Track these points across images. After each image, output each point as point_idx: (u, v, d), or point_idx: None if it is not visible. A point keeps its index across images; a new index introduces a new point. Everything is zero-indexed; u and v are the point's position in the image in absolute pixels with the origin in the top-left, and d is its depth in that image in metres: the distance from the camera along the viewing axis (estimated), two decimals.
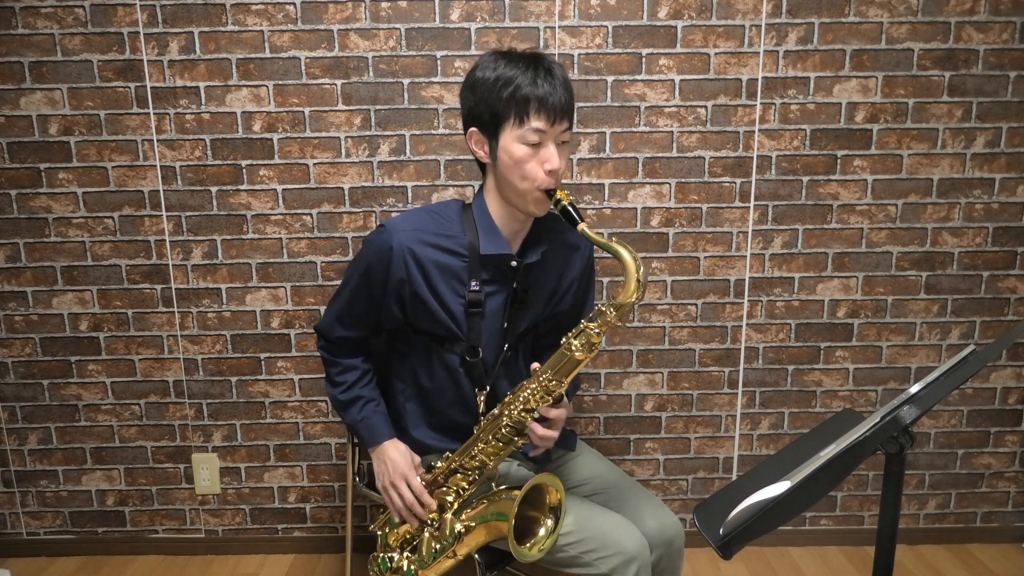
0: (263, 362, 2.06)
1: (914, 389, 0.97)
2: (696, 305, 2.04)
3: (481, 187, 1.39)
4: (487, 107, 1.26)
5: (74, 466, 2.12)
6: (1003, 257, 2.03)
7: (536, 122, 1.24)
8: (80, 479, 2.13)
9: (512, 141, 1.26)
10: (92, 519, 2.16)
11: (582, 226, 1.24)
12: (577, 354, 1.24)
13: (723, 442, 2.14)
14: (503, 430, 1.31)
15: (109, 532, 2.17)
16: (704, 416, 2.12)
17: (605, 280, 2.03)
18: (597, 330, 1.24)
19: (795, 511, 0.93)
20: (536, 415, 1.29)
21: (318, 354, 2.03)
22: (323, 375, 2.05)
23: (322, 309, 2.02)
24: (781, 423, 2.13)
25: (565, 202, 1.25)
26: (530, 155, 1.26)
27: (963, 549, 2.16)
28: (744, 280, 2.03)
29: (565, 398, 1.34)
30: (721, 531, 0.93)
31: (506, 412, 1.31)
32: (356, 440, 1.88)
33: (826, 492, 1.06)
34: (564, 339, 1.26)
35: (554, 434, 1.32)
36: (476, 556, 1.44)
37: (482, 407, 1.41)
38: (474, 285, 1.35)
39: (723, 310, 2.05)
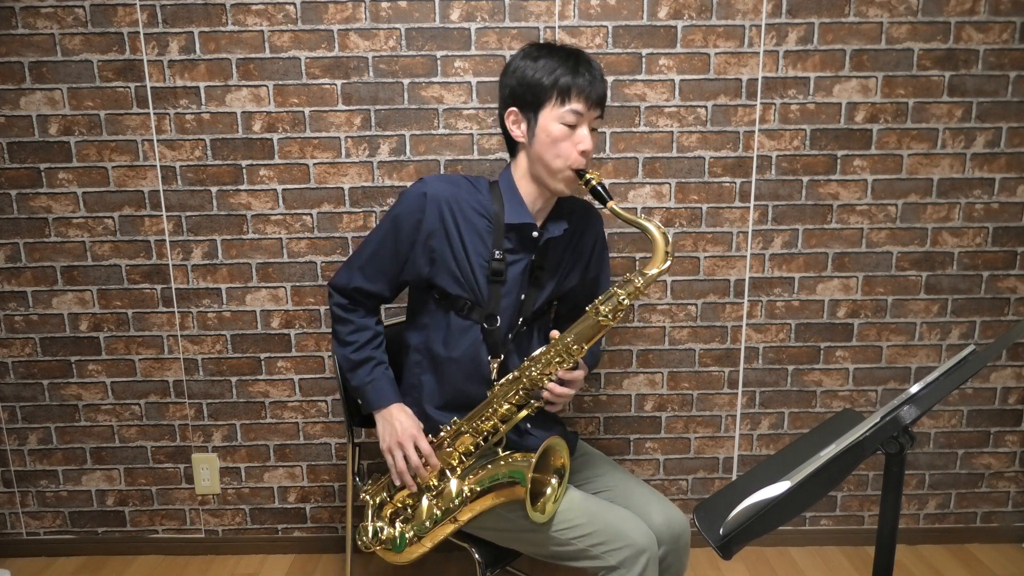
0: (263, 362, 2.06)
1: (914, 389, 0.97)
2: (696, 305, 2.04)
3: (507, 167, 1.45)
4: (530, 88, 1.34)
5: (74, 466, 2.12)
6: (1003, 257, 2.03)
7: (576, 104, 1.32)
8: (80, 479, 2.13)
9: (551, 120, 1.33)
10: (92, 519, 2.16)
11: (611, 204, 1.32)
12: (602, 319, 1.31)
13: (723, 442, 2.14)
14: (520, 393, 1.35)
15: (109, 532, 2.17)
16: (704, 416, 2.12)
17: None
18: (624, 297, 1.30)
19: (795, 511, 0.93)
20: (554, 378, 1.35)
21: (320, 349, 2.04)
22: (322, 375, 2.06)
23: (322, 309, 2.02)
24: (781, 423, 2.13)
25: (595, 181, 1.33)
26: (566, 135, 1.33)
27: (963, 549, 2.16)
28: (744, 280, 2.03)
29: (581, 361, 1.38)
30: (721, 531, 0.93)
31: (525, 375, 1.35)
32: (361, 435, 1.93)
33: (826, 492, 1.06)
34: (590, 305, 1.33)
35: (571, 392, 1.38)
36: (476, 555, 1.44)
37: (494, 375, 1.43)
38: (497, 255, 1.40)
39: (723, 310, 2.05)
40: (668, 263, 1.30)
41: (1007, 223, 2.01)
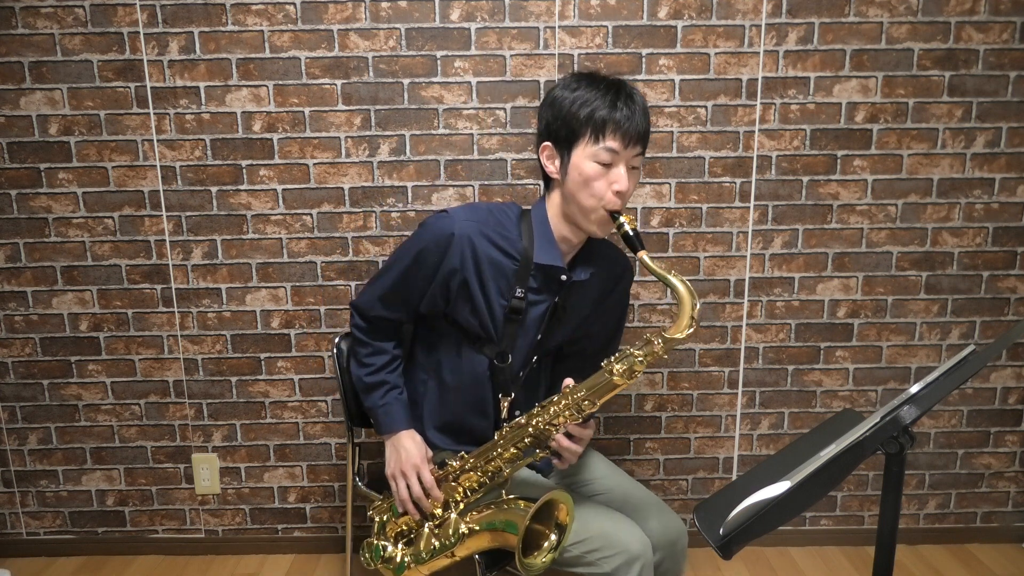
0: (263, 362, 2.06)
1: (914, 389, 0.97)
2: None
3: (542, 199, 1.40)
4: (564, 123, 1.28)
5: (74, 466, 2.12)
6: (1003, 257, 2.03)
7: (611, 142, 1.25)
8: (80, 479, 2.13)
9: (584, 159, 1.27)
10: (92, 519, 2.16)
11: (642, 253, 1.24)
12: (616, 379, 1.24)
13: (723, 442, 2.13)
14: (525, 440, 1.31)
15: (109, 532, 2.17)
16: (704, 416, 2.12)
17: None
18: (642, 359, 1.23)
19: (795, 511, 0.93)
20: (562, 431, 1.29)
21: (320, 349, 2.04)
22: (322, 375, 2.06)
23: (322, 309, 2.02)
24: (781, 423, 2.13)
25: (628, 227, 1.26)
26: (600, 174, 1.26)
27: (963, 549, 2.16)
28: (744, 280, 2.03)
29: (591, 420, 1.34)
30: (721, 531, 0.93)
31: (532, 423, 1.30)
32: (361, 435, 1.93)
33: (826, 492, 1.06)
34: (606, 362, 1.25)
35: (579, 449, 1.32)
36: (476, 556, 1.44)
37: (505, 414, 1.41)
38: (519, 292, 1.35)
39: (723, 310, 2.05)
40: (692, 329, 1.20)
41: (1007, 223, 2.01)
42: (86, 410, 2.08)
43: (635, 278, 2.01)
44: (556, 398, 1.30)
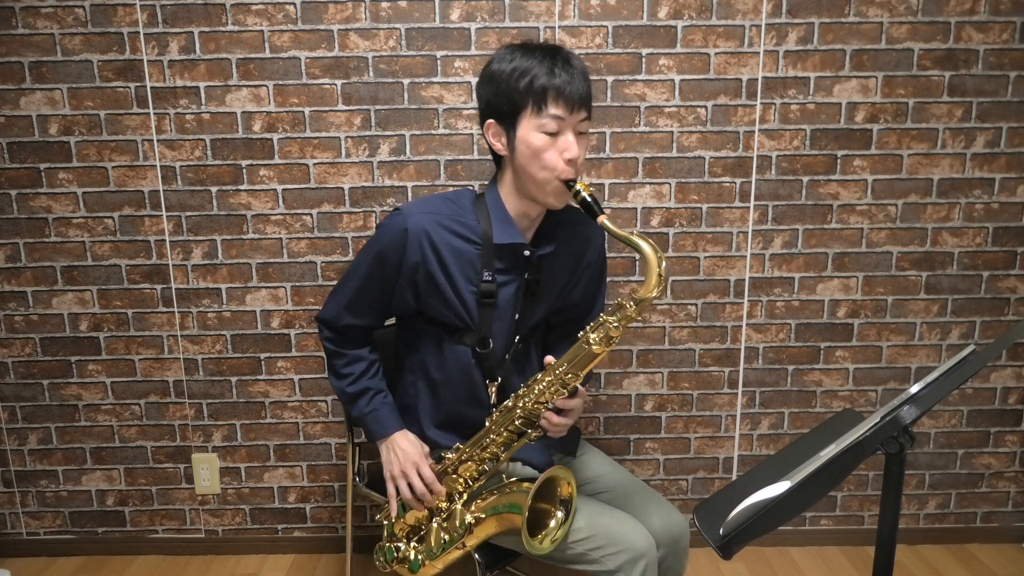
0: (263, 362, 2.06)
1: (914, 389, 0.97)
2: (696, 305, 2.04)
3: (494, 179, 1.38)
4: (505, 98, 1.26)
5: (74, 466, 2.12)
6: (1003, 257, 2.03)
7: (554, 109, 1.23)
8: (80, 479, 2.13)
9: (530, 131, 1.25)
10: (92, 519, 2.16)
11: (602, 218, 1.23)
12: (595, 348, 1.24)
13: (723, 442, 2.13)
14: (516, 422, 1.31)
15: (109, 532, 2.17)
16: (704, 416, 2.12)
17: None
18: (616, 324, 1.23)
19: (795, 511, 0.93)
20: (551, 406, 1.29)
21: (320, 349, 2.04)
22: (324, 375, 2.06)
23: None
24: (781, 423, 2.13)
25: (585, 193, 1.24)
26: (549, 144, 1.25)
27: (963, 549, 2.16)
28: (744, 280, 2.03)
29: (580, 388, 1.34)
30: (721, 531, 0.93)
31: (520, 405, 1.30)
32: (361, 435, 1.91)
33: (826, 492, 1.06)
34: (582, 332, 1.25)
35: (568, 421, 1.33)
36: (476, 555, 1.44)
37: (493, 399, 1.41)
38: (486, 276, 1.34)
39: (723, 310, 2.05)
40: (661, 287, 1.20)
41: (1007, 223, 2.01)
42: (86, 410, 2.08)
43: (632, 276, 2.01)
44: (539, 376, 1.30)
